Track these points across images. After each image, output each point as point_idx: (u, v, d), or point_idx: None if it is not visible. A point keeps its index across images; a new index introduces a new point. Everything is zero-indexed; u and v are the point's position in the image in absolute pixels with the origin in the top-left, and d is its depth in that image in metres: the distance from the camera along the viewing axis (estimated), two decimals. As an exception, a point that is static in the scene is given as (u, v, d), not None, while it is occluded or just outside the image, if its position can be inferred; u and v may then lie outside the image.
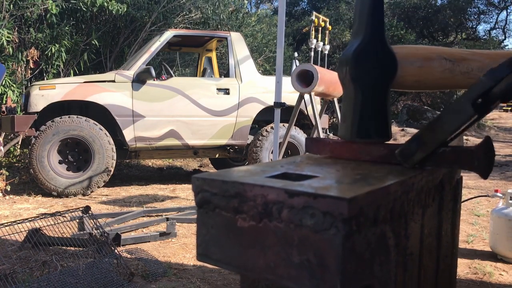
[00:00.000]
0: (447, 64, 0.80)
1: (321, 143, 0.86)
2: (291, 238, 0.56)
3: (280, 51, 3.31)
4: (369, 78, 0.78)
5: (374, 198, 0.57)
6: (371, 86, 0.79)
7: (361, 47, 0.78)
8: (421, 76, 0.81)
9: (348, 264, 0.53)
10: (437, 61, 0.81)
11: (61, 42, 6.24)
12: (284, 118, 4.24)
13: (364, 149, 0.80)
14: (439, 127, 0.71)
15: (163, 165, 6.66)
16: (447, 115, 0.69)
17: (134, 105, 4.49)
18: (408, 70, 0.80)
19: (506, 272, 2.40)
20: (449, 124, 0.69)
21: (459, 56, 0.81)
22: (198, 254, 0.68)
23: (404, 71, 0.80)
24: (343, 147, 0.82)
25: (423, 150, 0.73)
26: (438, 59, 0.81)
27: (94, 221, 2.46)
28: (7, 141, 5.92)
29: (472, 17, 17.07)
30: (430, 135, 0.72)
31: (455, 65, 0.80)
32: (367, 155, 0.79)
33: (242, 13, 8.87)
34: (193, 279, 2.21)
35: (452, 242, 0.97)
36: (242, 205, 0.61)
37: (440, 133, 0.71)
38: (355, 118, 0.79)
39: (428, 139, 0.72)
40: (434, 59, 0.81)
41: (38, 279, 2.06)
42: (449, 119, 0.69)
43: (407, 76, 0.81)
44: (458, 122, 0.68)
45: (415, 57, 0.81)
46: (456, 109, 0.68)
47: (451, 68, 0.80)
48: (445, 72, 0.81)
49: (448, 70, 0.81)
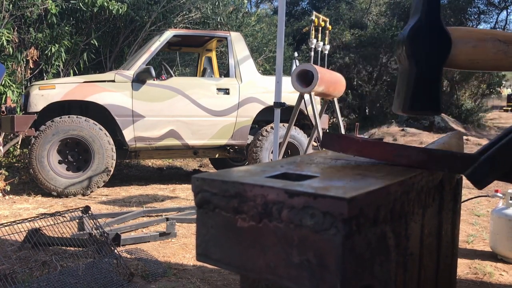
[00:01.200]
0: (501, 45, 0.82)
1: (345, 141, 0.84)
2: (291, 238, 0.56)
3: (280, 51, 3.31)
4: (423, 54, 0.82)
5: (374, 198, 0.57)
6: (425, 62, 0.82)
7: (417, 26, 0.82)
8: (474, 55, 0.83)
9: (348, 264, 0.53)
10: (490, 42, 0.83)
11: (61, 42, 6.24)
12: (284, 118, 4.24)
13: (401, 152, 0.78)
14: None
15: (163, 165, 6.66)
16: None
17: (134, 105, 4.49)
18: (462, 49, 0.83)
19: (506, 272, 2.40)
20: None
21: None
22: (198, 254, 0.68)
23: (458, 51, 0.82)
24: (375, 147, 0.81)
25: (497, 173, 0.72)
26: (492, 40, 0.83)
27: (94, 221, 2.46)
28: (7, 141, 5.92)
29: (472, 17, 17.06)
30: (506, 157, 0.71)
31: (509, 47, 0.82)
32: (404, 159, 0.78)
33: (242, 13, 8.87)
34: (193, 279, 2.21)
35: (452, 242, 0.97)
36: (242, 205, 0.61)
37: None
38: (409, 92, 0.82)
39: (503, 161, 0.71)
40: (487, 40, 0.83)
41: (38, 279, 2.06)
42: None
43: (461, 55, 0.83)
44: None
45: (469, 37, 0.83)
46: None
47: (505, 50, 0.82)
48: (499, 53, 0.82)
49: (502, 52, 0.82)
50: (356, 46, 14.21)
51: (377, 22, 16.39)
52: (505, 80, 14.69)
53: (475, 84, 14.54)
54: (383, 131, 11.33)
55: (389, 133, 10.94)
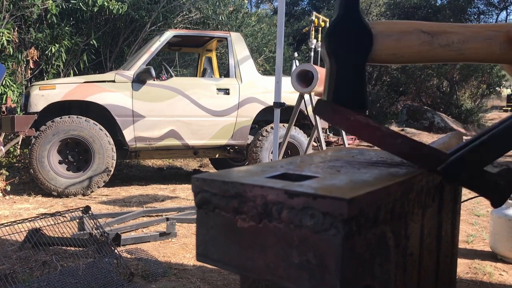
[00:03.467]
0: (425, 37, 0.80)
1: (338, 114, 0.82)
2: (291, 238, 0.56)
3: (279, 51, 3.31)
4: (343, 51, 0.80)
5: (374, 198, 0.57)
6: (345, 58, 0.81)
7: (335, 23, 0.81)
8: (398, 49, 0.81)
9: (348, 264, 0.53)
10: (414, 34, 0.81)
11: (61, 42, 6.24)
12: (284, 118, 4.24)
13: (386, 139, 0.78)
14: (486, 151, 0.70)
15: (163, 165, 6.66)
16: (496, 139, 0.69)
17: (134, 105, 4.49)
18: (384, 43, 0.81)
19: (506, 272, 2.40)
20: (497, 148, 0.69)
21: (439, 29, 0.81)
22: (197, 254, 0.68)
23: (380, 45, 0.81)
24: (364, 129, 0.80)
25: (466, 173, 0.72)
26: (415, 32, 0.81)
27: (94, 221, 2.46)
28: (7, 141, 5.92)
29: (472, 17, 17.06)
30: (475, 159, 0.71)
31: (434, 38, 0.80)
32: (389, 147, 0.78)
33: (242, 13, 8.87)
34: (193, 279, 2.21)
35: (452, 242, 0.97)
36: (242, 205, 0.61)
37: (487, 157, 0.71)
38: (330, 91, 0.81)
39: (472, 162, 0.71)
40: (411, 32, 0.81)
41: (38, 279, 2.06)
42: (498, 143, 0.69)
43: (383, 49, 0.81)
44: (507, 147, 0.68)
45: (392, 30, 0.82)
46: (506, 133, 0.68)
47: (430, 41, 0.80)
48: (424, 45, 0.80)
49: (427, 43, 0.80)
50: (356, 46, 14.17)
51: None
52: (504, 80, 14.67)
53: (475, 84, 14.54)
54: (383, 131, 11.31)
55: (389, 133, 10.93)
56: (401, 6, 16.20)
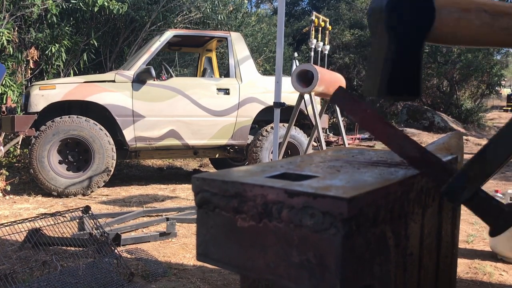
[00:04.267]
0: (486, 17, 0.74)
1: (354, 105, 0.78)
2: (291, 238, 0.56)
3: (279, 51, 3.31)
4: (404, 27, 0.72)
5: (374, 198, 0.57)
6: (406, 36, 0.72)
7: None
8: (458, 27, 0.75)
9: (348, 264, 0.53)
10: (475, 13, 0.74)
11: (61, 42, 6.24)
12: (284, 118, 4.24)
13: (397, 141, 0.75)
14: (488, 161, 0.67)
15: (163, 165, 6.66)
16: (496, 147, 0.66)
17: (134, 105, 4.49)
18: (445, 20, 0.74)
19: (506, 272, 2.40)
20: (499, 156, 0.66)
21: (501, 10, 0.75)
22: (198, 254, 0.68)
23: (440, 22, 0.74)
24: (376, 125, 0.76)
25: (471, 187, 0.68)
26: (477, 11, 0.74)
27: (94, 221, 2.46)
28: (7, 141, 5.92)
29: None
30: (477, 170, 0.68)
31: (494, 19, 0.74)
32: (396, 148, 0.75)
33: (242, 13, 8.87)
34: (193, 279, 2.21)
35: (452, 242, 0.97)
36: (242, 205, 0.61)
37: (489, 167, 0.67)
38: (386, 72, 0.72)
39: (475, 175, 0.68)
40: (473, 11, 0.74)
41: (38, 279, 2.06)
42: (498, 150, 0.66)
43: (444, 27, 0.74)
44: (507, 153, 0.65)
45: (454, 6, 0.74)
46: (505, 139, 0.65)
47: (490, 23, 0.74)
48: (483, 26, 0.74)
49: (487, 25, 0.74)
50: (356, 46, 14.21)
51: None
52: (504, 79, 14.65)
53: (474, 84, 14.54)
54: (383, 131, 11.30)
55: (389, 133, 10.92)
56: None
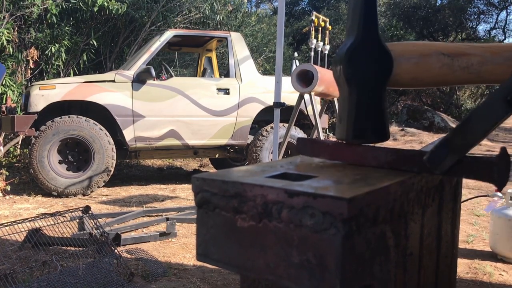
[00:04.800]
0: (445, 59, 0.77)
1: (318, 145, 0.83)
2: (291, 238, 0.56)
3: (279, 51, 3.31)
4: (364, 77, 0.76)
5: (374, 198, 0.57)
6: (366, 86, 0.76)
7: (355, 46, 0.76)
8: (418, 73, 0.78)
9: (348, 264, 0.53)
10: (434, 56, 0.78)
11: (61, 42, 6.24)
12: (284, 118, 4.24)
13: (371, 153, 0.77)
14: (470, 130, 0.67)
15: (163, 165, 6.66)
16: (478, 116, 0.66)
17: (134, 105, 4.49)
18: (404, 67, 0.77)
19: (506, 272, 2.40)
20: (480, 125, 0.66)
21: (458, 51, 0.78)
22: (198, 254, 0.68)
23: (400, 69, 0.77)
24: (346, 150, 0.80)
25: (453, 156, 0.69)
26: (435, 54, 0.78)
27: (94, 221, 2.46)
28: (7, 141, 5.92)
29: (472, 17, 17.07)
30: (461, 139, 0.68)
31: (454, 60, 0.77)
32: (374, 160, 0.77)
33: (242, 13, 8.87)
34: (193, 279, 2.21)
35: (452, 242, 0.97)
36: (242, 205, 0.61)
37: (471, 135, 0.67)
38: (351, 119, 0.76)
39: (458, 143, 0.68)
40: (431, 55, 0.78)
41: (38, 279, 2.06)
42: (480, 120, 0.66)
43: (403, 73, 0.78)
44: (490, 123, 0.65)
45: (412, 53, 0.78)
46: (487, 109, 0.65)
47: (450, 64, 0.77)
48: (444, 68, 0.78)
49: (447, 66, 0.77)
50: (356, 46, 14.17)
51: (377, 22, 16.36)
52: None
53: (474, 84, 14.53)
54: (383, 131, 11.31)
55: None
56: (401, 6, 16.19)
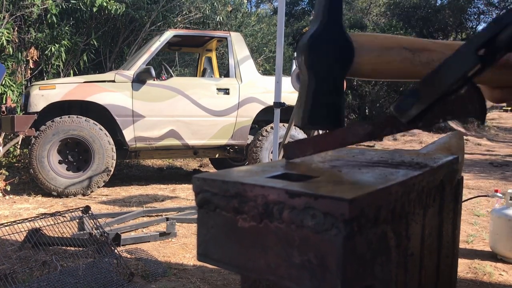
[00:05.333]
0: (406, 53, 0.78)
1: (302, 143, 0.83)
2: (292, 238, 0.56)
3: (279, 51, 3.31)
4: (324, 65, 0.77)
5: (375, 198, 0.57)
6: (325, 73, 0.77)
7: (317, 34, 0.77)
8: (378, 65, 0.79)
9: (349, 264, 0.53)
10: (396, 50, 0.79)
11: (61, 42, 6.24)
12: (284, 118, 4.24)
13: (350, 132, 0.78)
14: (437, 79, 0.67)
15: (163, 165, 6.65)
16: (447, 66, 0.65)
17: (134, 105, 4.49)
18: (365, 58, 0.78)
19: (506, 272, 2.40)
20: (448, 76, 0.65)
21: (420, 46, 0.79)
22: (198, 254, 0.68)
23: (361, 59, 0.78)
24: (326, 138, 0.80)
25: (420, 104, 0.68)
26: (397, 48, 0.79)
27: (94, 221, 2.46)
28: (7, 141, 5.92)
29: (472, 17, 17.07)
30: (428, 88, 0.68)
31: (415, 55, 0.78)
32: (355, 137, 0.78)
33: (242, 13, 8.87)
34: (193, 279, 2.21)
35: (452, 242, 0.97)
36: (243, 205, 0.61)
37: (438, 85, 0.66)
38: (307, 105, 0.77)
39: (425, 92, 0.68)
40: (393, 48, 0.79)
41: (38, 279, 2.06)
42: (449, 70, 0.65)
43: (364, 64, 0.79)
44: (458, 73, 0.64)
45: (373, 45, 0.79)
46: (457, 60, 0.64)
47: (411, 58, 0.78)
48: (405, 61, 0.78)
49: (408, 60, 0.78)
50: (356, 46, 14.18)
51: (377, 23, 16.40)
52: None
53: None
54: (383, 131, 11.31)
55: (389, 133, 10.92)
56: (401, 6, 16.20)
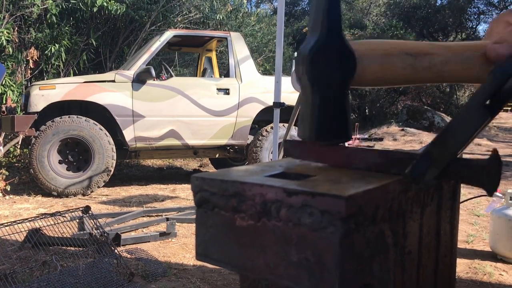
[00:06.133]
0: (409, 59, 0.77)
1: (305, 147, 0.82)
2: (290, 237, 0.56)
3: (279, 51, 3.31)
4: (326, 78, 0.74)
5: (372, 196, 0.57)
6: (328, 87, 0.75)
7: (318, 46, 0.74)
8: (381, 73, 0.77)
9: (347, 263, 0.53)
10: (398, 56, 0.77)
11: (61, 42, 6.24)
12: (284, 118, 4.24)
13: (359, 156, 0.77)
14: (450, 140, 0.66)
15: (163, 165, 6.66)
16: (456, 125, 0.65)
17: (134, 105, 4.49)
18: (368, 68, 0.76)
19: (506, 272, 2.40)
20: (460, 135, 0.65)
21: (421, 50, 0.78)
22: (197, 254, 0.68)
23: (363, 69, 0.76)
24: (333, 152, 0.80)
25: (435, 168, 0.67)
26: (399, 54, 0.77)
27: (94, 221, 2.46)
28: (7, 141, 5.92)
29: (472, 17, 17.07)
30: (441, 150, 0.67)
31: (417, 60, 0.77)
32: (362, 162, 0.77)
33: (242, 13, 8.87)
34: (193, 279, 2.21)
35: (451, 241, 0.97)
36: (241, 204, 0.61)
37: (451, 146, 0.66)
38: (313, 119, 0.75)
39: (439, 155, 0.67)
40: (395, 55, 0.77)
41: (38, 279, 2.06)
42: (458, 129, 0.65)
43: (366, 74, 0.77)
44: (469, 131, 0.64)
45: (375, 53, 0.77)
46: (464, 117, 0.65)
47: (413, 64, 0.77)
48: (407, 68, 0.77)
49: (410, 66, 0.77)
50: (356, 46, 14.21)
51: (377, 23, 16.39)
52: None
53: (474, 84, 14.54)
54: (383, 131, 11.33)
55: (389, 133, 10.94)
56: (401, 6, 16.20)
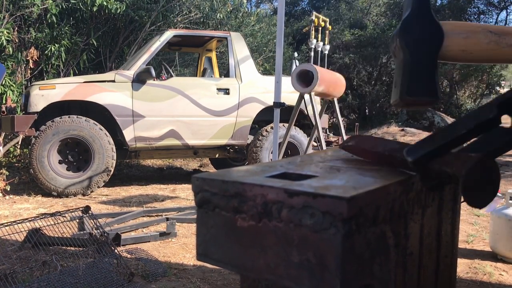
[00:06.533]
0: (492, 36, 0.84)
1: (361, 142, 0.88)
2: (291, 238, 0.56)
3: (279, 51, 3.31)
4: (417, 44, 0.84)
5: (373, 198, 0.57)
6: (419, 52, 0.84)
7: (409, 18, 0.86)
8: (467, 46, 0.85)
9: (348, 264, 0.53)
10: (482, 33, 0.84)
11: (60, 42, 6.24)
12: (284, 118, 4.24)
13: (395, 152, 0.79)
14: (453, 127, 0.69)
15: (163, 165, 6.65)
16: (466, 117, 0.69)
17: (134, 105, 4.49)
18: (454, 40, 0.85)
19: (506, 272, 2.40)
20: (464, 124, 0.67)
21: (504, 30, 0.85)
22: (198, 254, 0.68)
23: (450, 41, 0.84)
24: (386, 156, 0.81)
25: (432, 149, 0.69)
26: (483, 31, 0.85)
27: (94, 221, 2.46)
28: (7, 141, 5.92)
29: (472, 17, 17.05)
30: (442, 134, 0.70)
31: (501, 37, 0.84)
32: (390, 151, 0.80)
33: (242, 13, 8.87)
34: (193, 279, 2.21)
35: (451, 242, 0.97)
36: (242, 205, 0.61)
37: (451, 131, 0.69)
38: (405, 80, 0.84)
39: (439, 136, 0.70)
40: (479, 32, 0.85)
41: (38, 279, 2.06)
42: (466, 119, 0.68)
43: (453, 46, 0.85)
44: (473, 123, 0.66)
45: (461, 29, 0.85)
46: (477, 111, 0.68)
47: (497, 40, 0.84)
48: (491, 43, 0.84)
49: (494, 42, 0.84)
50: (356, 46, 14.21)
51: (377, 23, 16.39)
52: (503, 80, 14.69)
53: (474, 84, 14.55)
54: (383, 131, 11.33)
55: (389, 133, 10.94)
56: (401, 6, 16.18)
